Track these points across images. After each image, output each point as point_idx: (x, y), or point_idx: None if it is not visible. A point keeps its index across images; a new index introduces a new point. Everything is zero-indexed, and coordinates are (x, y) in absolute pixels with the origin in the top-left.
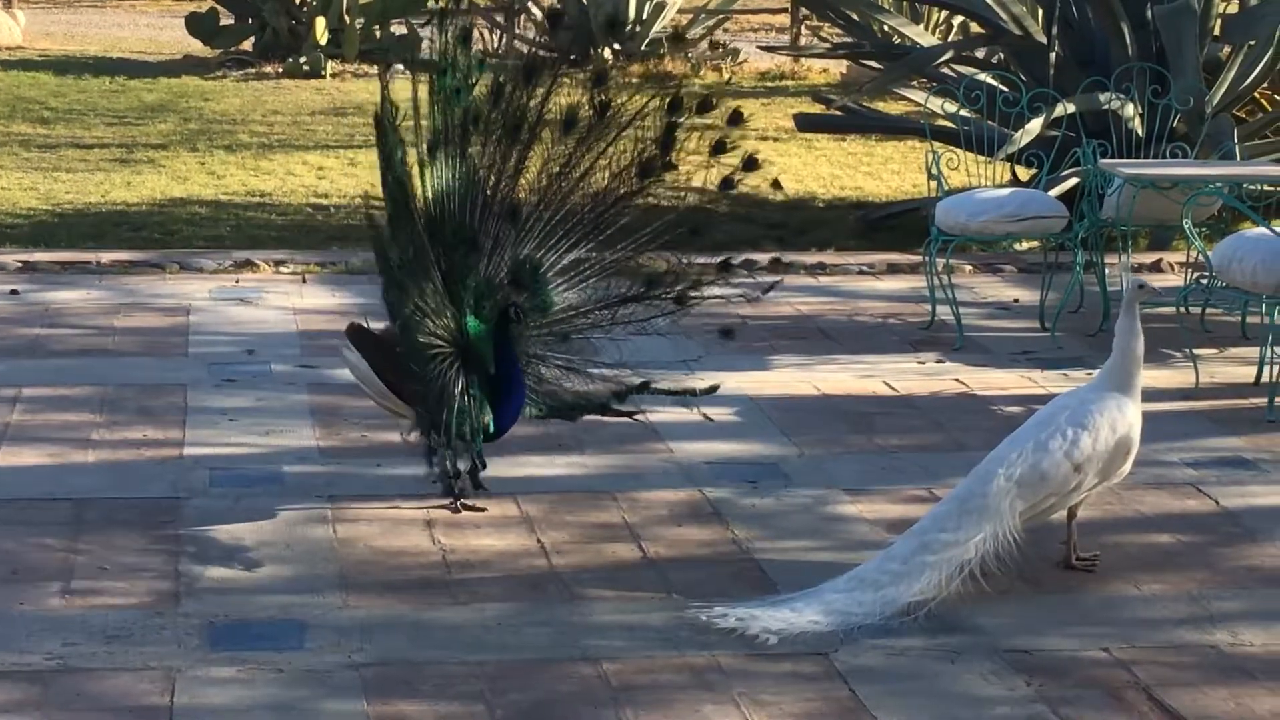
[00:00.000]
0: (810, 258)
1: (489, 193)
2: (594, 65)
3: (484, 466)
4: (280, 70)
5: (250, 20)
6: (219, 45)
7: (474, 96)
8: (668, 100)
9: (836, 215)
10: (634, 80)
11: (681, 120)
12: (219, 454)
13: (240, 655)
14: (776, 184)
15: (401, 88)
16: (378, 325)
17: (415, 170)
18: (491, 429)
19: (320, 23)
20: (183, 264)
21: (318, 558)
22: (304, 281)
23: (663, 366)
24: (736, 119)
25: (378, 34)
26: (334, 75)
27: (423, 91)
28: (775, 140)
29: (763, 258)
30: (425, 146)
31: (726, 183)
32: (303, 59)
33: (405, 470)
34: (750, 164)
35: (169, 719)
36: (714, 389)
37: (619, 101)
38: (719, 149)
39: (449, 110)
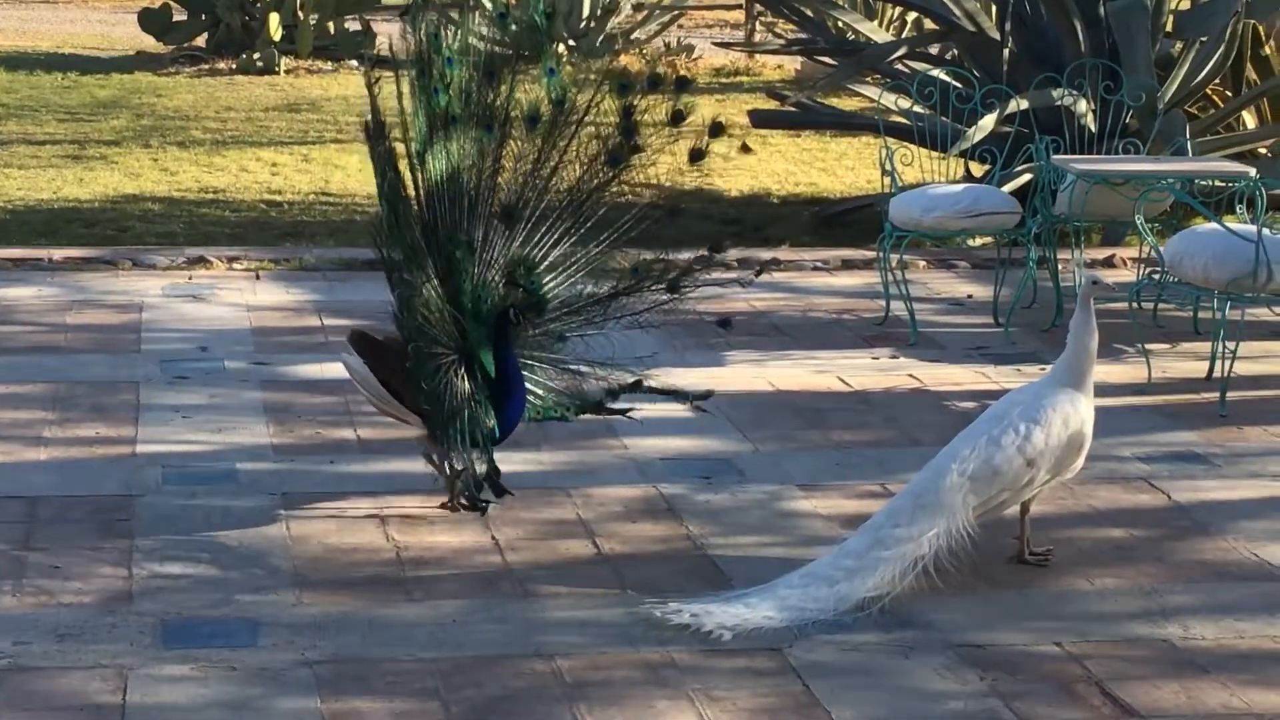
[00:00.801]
0: (765, 253)
1: (473, 193)
2: (542, 59)
3: (499, 473)
4: (234, 66)
5: (204, 16)
6: (172, 41)
7: (450, 96)
8: (618, 84)
9: (791, 211)
10: (583, 71)
11: (636, 101)
12: (172, 451)
13: (193, 653)
14: (745, 148)
15: (386, 90)
16: (363, 323)
17: (406, 174)
18: (497, 434)
19: (274, 19)
20: (135, 261)
21: (271, 555)
22: (257, 278)
23: (616, 364)
24: (684, 84)
25: (331, 30)
26: (288, 71)
27: (398, 91)
28: (730, 136)
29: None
30: (414, 150)
31: (696, 154)
32: (256, 55)
33: (359, 467)
34: (715, 129)
35: (121, 717)
36: (709, 394)
37: (572, 92)
38: (678, 118)
39: (431, 111)
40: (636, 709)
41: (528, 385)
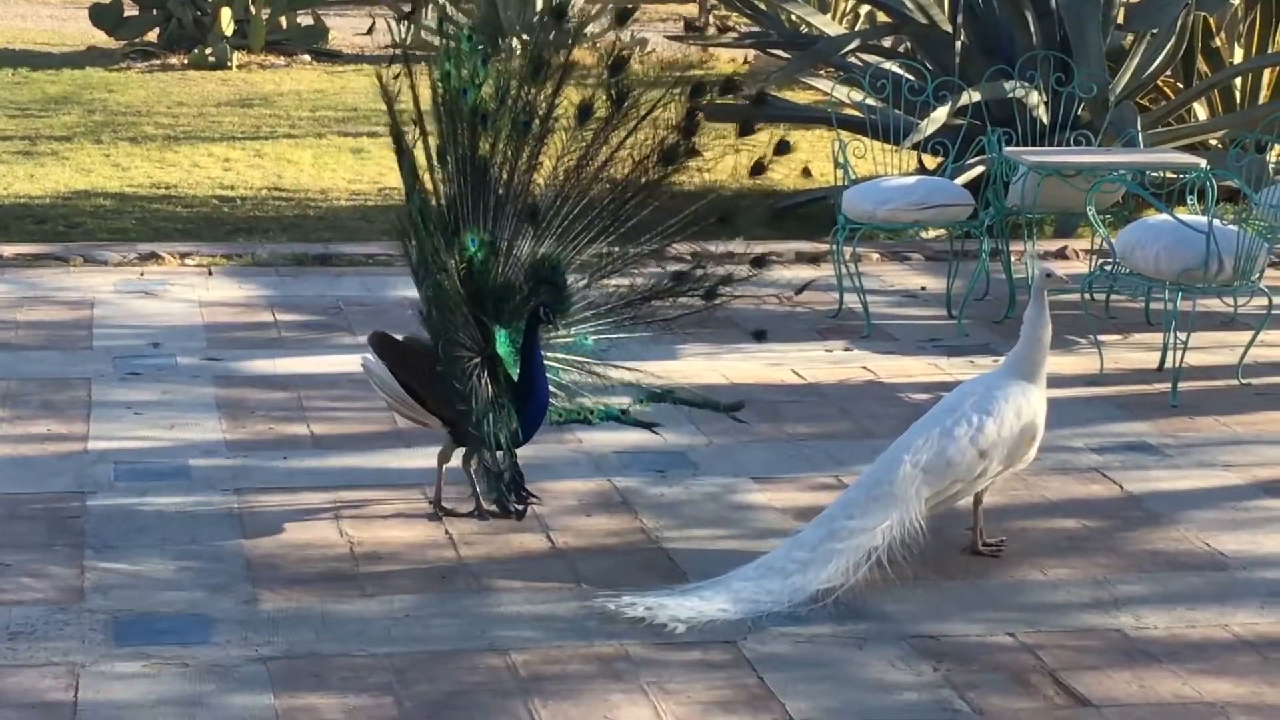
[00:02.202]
0: (719, 247)
1: (501, 192)
2: (612, 55)
3: (522, 477)
4: (185, 61)
5: (155, 11)
6: (123, 36)
7: (481, 95)
8: (690, 87)
9: (745, 204)
10: (653, 69)
11: (704, 104)
12: (124, 448)
13: (145, 650)
14: (806, 171)
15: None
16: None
17: (426, 174)
18: (520, 436)
19: (226, 13)
20: (87, 257)
21: (224, 551)
22: (210, 274)
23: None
24: (761, 99)
25: (284, 24)
26: (240, 66)
27: (412, 92)
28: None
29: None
30: (435, 150)
31: (758, 167)
32: (208, 50)
33: (312, 463)
34: (782, 147)
35: (73, 715)
36: (740, 405)
37: (637, 90)
38: (746, 130)
39: (456, 111)
40: (591, 702)
41: (551, 388)
